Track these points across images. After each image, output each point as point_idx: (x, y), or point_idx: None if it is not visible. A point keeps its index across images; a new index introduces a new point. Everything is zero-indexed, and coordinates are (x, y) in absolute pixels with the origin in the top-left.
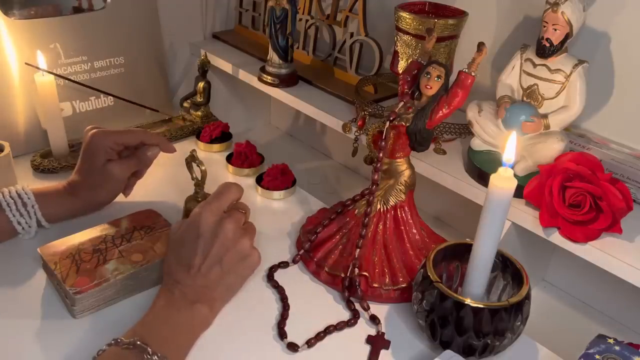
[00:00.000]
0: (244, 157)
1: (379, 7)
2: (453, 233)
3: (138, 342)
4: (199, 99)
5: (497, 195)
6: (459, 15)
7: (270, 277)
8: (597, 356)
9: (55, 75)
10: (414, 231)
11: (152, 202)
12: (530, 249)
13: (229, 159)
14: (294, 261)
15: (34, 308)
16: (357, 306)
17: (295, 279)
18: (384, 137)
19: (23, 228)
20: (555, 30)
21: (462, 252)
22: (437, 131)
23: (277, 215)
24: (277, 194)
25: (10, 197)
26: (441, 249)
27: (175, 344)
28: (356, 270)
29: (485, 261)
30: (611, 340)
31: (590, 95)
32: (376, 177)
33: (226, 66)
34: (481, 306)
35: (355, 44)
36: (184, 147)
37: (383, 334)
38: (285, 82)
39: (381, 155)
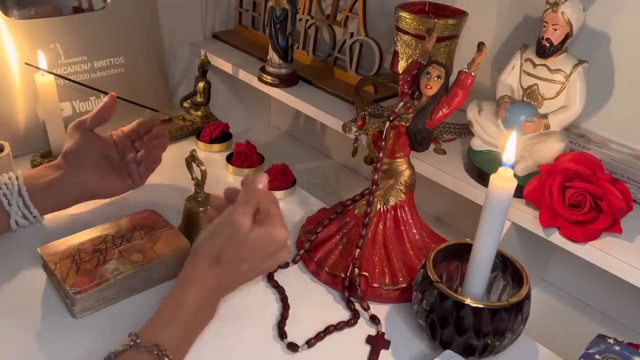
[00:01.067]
0: (244, 157)
1: (379, 7)
2: (453, 233)
3: (159, 352)
4: (199, 99)
5: (497, 195)
6: (459, 15)
7: (270, 277)
8: (597, 356)
9: (55, 75)
10: (414, 231)
11: (152, 202)
12: (530, 249)
13: (229, 159)
14: (294, 261)
15: (34, 308)
16: (357, 306)
17: (295, 279)
18: (384, 137)
19: (9, 203)
20: (555, 30)
21: (462, 252)
22: (437, 131)
23: None
24: (277, 194)
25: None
26: (441, 249)
27: (188, 344)
28: (356, 270)
29: (485, 261)
30: (611, 340)
31: (590, 95)
32: (376, 177)
33: (226, 66)
34: (481, 306)
35: (355, 44)
36: (184, 147)
37: (383, 334)
38: (285, 82)
39: (381, 155)
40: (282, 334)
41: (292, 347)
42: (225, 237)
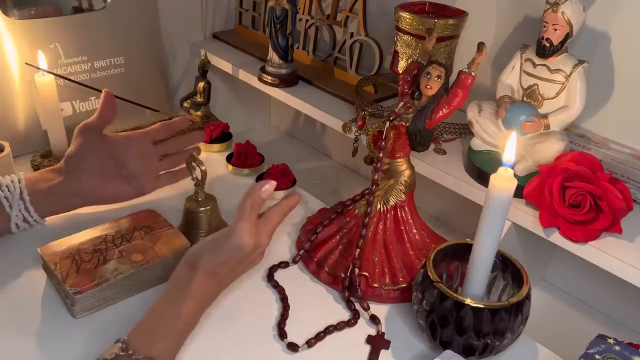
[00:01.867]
0: (244, 157)
1: (379, 7)
2: (453, 233)
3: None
4: (199, 99)
5: (497, 195)
6: (459, 15)
7: (270, 277)
8: (597, 356)
9: (55, 75)
10: (414, 231)
11: (152, 202)
12: (530, 249)
13: (229, 159)
14: (294, 261)
15: (34, 308)
16: (357, 306)
17: (295, 279)
18: (384, 137)
19: (10, 206)
20: (556, 30)
21: (462, 252)
22: (437, 131)
23: None
24: (277, 194)
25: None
26: (441, 249)
27: (177, 352)
28: (356, 270)
29: (485, 261)
30: (611, 340)
31: (590, 95)
32: (376, 177)
33: (226, 66)
34: (481, 306)
35: (355, 44)
36: None
37: (383, 334)
38: (285, 82)
39: (381, 155)
40: (282, 334)
41: (292, 347)
42: (227, 255)
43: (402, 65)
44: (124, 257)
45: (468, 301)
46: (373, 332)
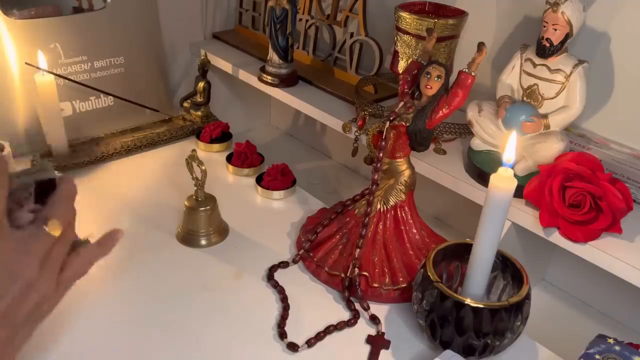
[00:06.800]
0: (244, 157)
1: (379, 7)
2: (453, 233)
3: None
4: (199, 99)
5: (497, 195)
6: (459, 15)
7: (270, 277)
8: (597, 356)
9: (55, 75)
10: (414, 231)
11: (152, 202)
12: (530, 249)
13: (229, 159)
14: (294, 261)
15: None
16: (357, 306)
17: (295, 279)
18: (384, 137)
19: None
20: (555, 30)
21: (462, 252)
22: (437, 131)
23: (277, 215)
24: (277, 194)
25: None
26: (441, 249)
27: None
28: (356, 270)
29: (485, 261)
30: (611, 340)
31: (590, 95)
32: (376, 177)
33: (226, 66)
34: (481, 306)
35: (355, 44)
36: (184, 147)
37: (383, 334)
38: (285, 82)
39: (381, 155)
40: (282, 334)
41: (292, 347)
42: None
43: (402, 65)
44: None
45: (468, 301)
46: (373, 332)
